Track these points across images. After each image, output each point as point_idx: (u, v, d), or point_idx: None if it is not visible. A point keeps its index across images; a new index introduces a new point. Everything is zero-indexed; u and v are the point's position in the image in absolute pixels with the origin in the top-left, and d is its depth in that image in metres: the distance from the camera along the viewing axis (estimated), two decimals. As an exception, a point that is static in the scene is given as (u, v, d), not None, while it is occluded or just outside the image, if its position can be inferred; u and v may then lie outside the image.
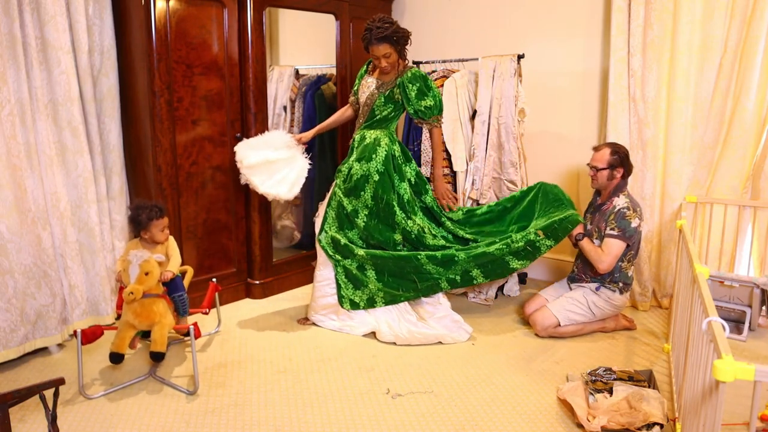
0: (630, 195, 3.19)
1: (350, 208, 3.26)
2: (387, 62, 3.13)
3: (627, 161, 3.15)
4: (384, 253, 3.23)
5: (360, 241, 3.31)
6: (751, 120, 3.27)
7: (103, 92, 3.23)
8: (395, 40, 3.10)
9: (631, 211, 3.07)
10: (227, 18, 3.42)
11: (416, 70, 3.20)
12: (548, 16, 3.95)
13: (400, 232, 3.27)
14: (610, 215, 3.12)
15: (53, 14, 2.89)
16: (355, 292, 3.30)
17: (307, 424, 2.38)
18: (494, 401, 2.56)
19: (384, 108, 3.23)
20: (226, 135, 3.53)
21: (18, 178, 2.82)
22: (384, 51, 3.09)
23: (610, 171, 3.14)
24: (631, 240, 3.09)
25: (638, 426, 2.24)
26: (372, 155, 3.20)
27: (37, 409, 2.45)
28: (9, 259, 2.78)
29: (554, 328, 3.19)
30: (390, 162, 3.22)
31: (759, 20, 3.14)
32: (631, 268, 3.21)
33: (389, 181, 3.21)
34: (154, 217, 2.77)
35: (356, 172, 3.23)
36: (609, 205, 3.16)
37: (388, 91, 3.20)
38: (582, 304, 3.20)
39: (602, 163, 3.15)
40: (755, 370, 1.42)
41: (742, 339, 3.14)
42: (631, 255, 3.18)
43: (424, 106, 3.18)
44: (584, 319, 3.21)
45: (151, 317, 2.61)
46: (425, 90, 3.17)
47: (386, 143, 3.22)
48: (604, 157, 3.15)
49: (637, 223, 3.08)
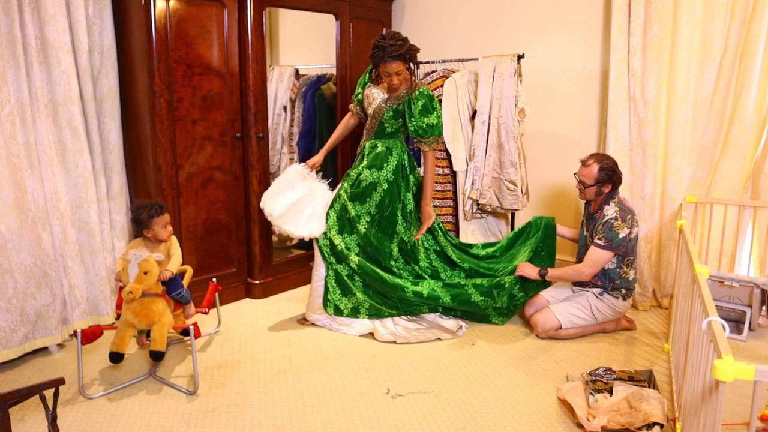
0: (622, 202, 3.12)
1: (353, 213, 3.28)
2: (398, 79, 3.15)
3: (615, 175, 3.08)
4: (374, 272, 3.25)
5: (357, 248, 3.30)
6: (751, 120, 3.27)
7: (103, 92, 3.23)
8: (408, 58, 3.13)
9: (619, 222, 3.01)
10: (227, 18, 3.42)
11: (425, 88, 3.22)
12: (548, 16, 3.95)
13: (397, 243, 3.32)
14: (599, 225, 3.08)
15: (53, 14, 2.89)
16: (342, 299, 3.33)
17: (307, 424, 2.38)
18: (494, 401, 2.56)
19: (394, 122, 3.26)
20: (226, 135, 3.53)
21: (18, 178, 2.82)
22: (397, 69, 3.10)
23: (598, 187, 3.10)
24: (619, 249, 3.05)
25: (638, 426, 2.24)
26: (384, 164, 3.25)
27: (37, 409, 2.45)
28: (9, 259, 2.78)
29: (555, 331, 3.18)
30: (399, 171, 3.28)
31: (759, 20, 3.14)
32: (632, 271, 3.17)
33: (397, 191, 3.28)
34: (155, 214, 2.76)
35: (365, 179, 3.26)
36: (600, 213, 3.12)
37: (396, 106, 3.23)
38: (585, 308, 3.18)
39: (590, 179, 3.10)
40: (755, 370, 1.42)
41: (742, 339, 3.14)
42: (630, 260, 3.14)
43: (426, 123, 3.18)
44: (585, 322, 3.19)
45: (150, 316, 2.61)
46: (430, 108, 3.19)
47: (398, 153, 3.29)
48: (592, 173, 3.08)
49: (626, 233, 3.02)
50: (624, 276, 3.15)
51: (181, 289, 2.85)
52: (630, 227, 3.04)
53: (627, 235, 3.03)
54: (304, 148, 4.23)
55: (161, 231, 2.78)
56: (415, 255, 3.38)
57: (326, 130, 4.08)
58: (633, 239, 3.09)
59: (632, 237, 3.07)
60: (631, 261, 3.14)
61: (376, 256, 3.31)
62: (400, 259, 3.37)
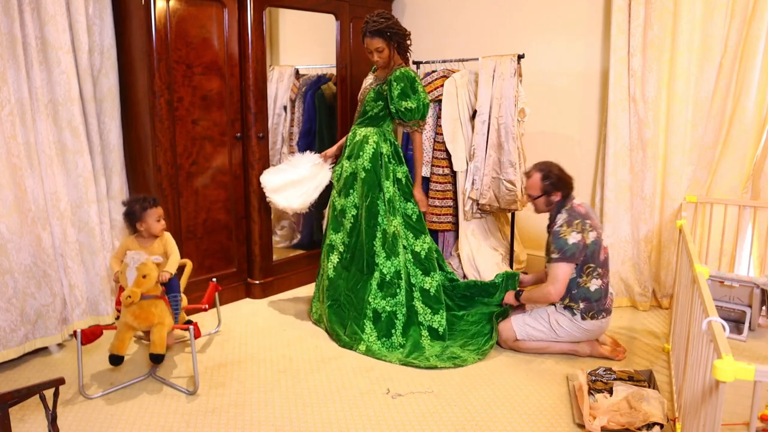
0: (573, 208, 2.84)
1: (339, 208, 3.27)
2: (379, 57, 3.12)
3: (562, 181, 2.85)
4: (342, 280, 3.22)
5: (342, 246, 3.25)
6: (751, 120, 3.27)
7: (103, 92, 3.23)
8: (389, 36, 3.07)
9: (564, 228, 2.77)
10: (227, 18, 3.42)
11: (406, 69, 3.14)
12: (548, 16, 3.95)
13: (380, 234, 3.16)
14: (550, 236, 2.86)
15: (53, 14, 2.89)
16: (316, 302, 3.40)
17: (307, 424, 2.38)
18: (494, 401, 2.56)
19: (374, 105, 3.21)
20: (226, 135, 3.53)
21: (18, 178, 2.82)
22: (377, 45, 3.08)
23: (546, 197, 2.88)
24: (575, 258, 2.76)
25: (638, 426, 2.24)
26: (360, 152, 3.20)
27: (37, 409, 2.45)
28: (9, 259, 2.78)
29: (514, 342, 2.98)
30: (377, 160, 3.18)
31: (759, 20, 3.15)
32: (595, 281, 2.82)
33: (375, 179, 3.18)
34: (149, 206, 2.76)
35: (346, 170, 3.25)
36: (552, 225, 2.89)
37: (378, 87, 3.19)
38: (544, 320, 2.91)
39: (535, 190, 2.88)
40: (755, 370, 1.42)
41: (742, 339, 3.14)
42: (590, 268, 2.81)
43: (404, 107, 3.14)
44: (545, 336, 2.92)
45: (149, 319, 2.61)
46: (409, 92, 3.12)
47: (374, 141, 3.19)
48: (536, 184, 2.87)
49: (576, 239, 2.74)
50: (583, 286, 2.82)
51: (177, 295, 2.86)
52: (580, 232, 2.76)
53: (579, 241, 2.75)
54: (304, 148, 4.21)
55: (154, 224, 2.78)
56: (395, 248, 3.17)
57: (326, 130, 4.09)
58: (591, 245, 2.78)
59: (588, 243, 2.77)
60: (592, 269, 2.82)
61: (360, 251, 3.20)
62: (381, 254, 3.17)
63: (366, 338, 3.06)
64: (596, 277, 2.83)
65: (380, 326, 3.08)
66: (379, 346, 3.03)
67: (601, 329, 2.91)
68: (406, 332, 3.08)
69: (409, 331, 3.09)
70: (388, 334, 3.06)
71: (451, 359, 2.90)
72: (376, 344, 3.04)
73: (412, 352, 2.97)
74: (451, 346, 3.02)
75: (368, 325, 3.09)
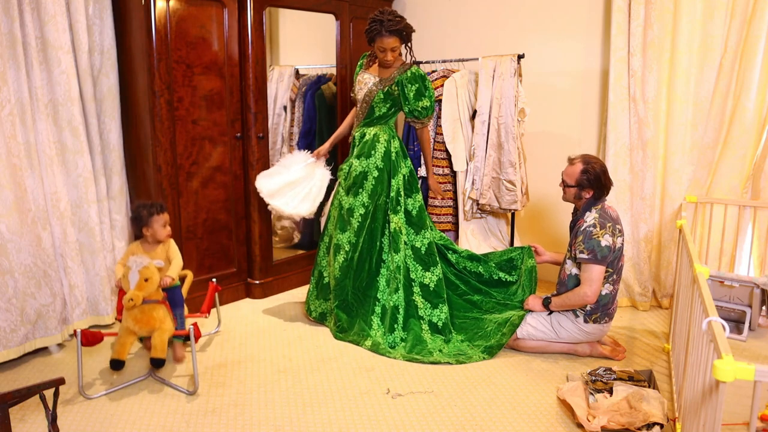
0: (604, 210, 2.84)
1: (347, 207, 3.26)
2: (393, 56, 3.14)
3: (598, 182, 2.80)
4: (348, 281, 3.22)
5: (348, 245, 3.23)
6: (751, 120, 3.27)
7: (103, 92, 3.23)
8: (405, 35, 3.12)
9: (597, 229, 2.75)
10: (227, 18, 3.42)
11: (417, 69, 3.19)
12: (548, 16, 3.95)
13: (388, 232, 3.23)
14: (579, 235, 2.81)
15: (53, 14, 2.89)
16: (315, 300, 3.40)
17: (307, 424, 2.38)
18: (494, 401, 2.56)
19: (383, 105, 3.22)
20: (226, 135, 3.53)
21: (18, 178, 2.82)
22: (393, 44, 3.09)
23: (578, 190, 2.85)
24: (605, 260, 2.75)
25: (638, 426, 2.24)
26: (371, 151, 3.22)
27: (37, 409, 2.45)
28: (9, 259, 2.78)
29: (514, 341, 2.99)
30: (389, 158, 3.23)
31: (759, 20, 3.14)
32: (608, 286, 2.84)
33: (387, 178, 3.23)
34: (156, 212, 2.78)
35: (356, 169, 3.24)
36: (581, 222, 2.85)
37: (387, 88, 3.19)
38: (545, 320, 2.93)
39: (571, 179, 2.86)
40: (755, 370, 1.42)
41: (742, 339, 3.14)
42: (608, 273, 2.81)
43: (421, 106, 3.19)
44: (545, 336, 2.93)
45: (151, 323, 2.61)
46: (423, 91, 3.18)
47: (385, 139, 3.24)
48: (574, 173, 2.84)
49: (609, 241, 2.73)
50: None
51: (181, 311, 2.87)
52: (612, 235, 2.76)
53: (611, 244, 2.74)
54: (304, 148, 4.20)
55: (160, 230, 2.79)
56: (396, 244, 3.20)
57: (326, 130, 4.09)
58: (618, 251, 2.80)
59: (616, 247, 2.78)
60: (609, 275, 2.82)
61: (369, 251, 3.22)
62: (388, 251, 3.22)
63: (373, 334, 3.11)
64: (610, 282, 2.85)
65: (386, 322, 3.13)
66: (384, 341, 3.08)
67: (601, 333, 2.94)
68: (406, 326, 3.13)
69: (409, 324, 3.13)
70: (392, 329, 3.11)
71: (455, 356, 2.94)
72: (381, 339, 3.09)
73: (415, 346, 3.02)
74: (457, 339, 3.07)
75: (375, 321, 3.16)
